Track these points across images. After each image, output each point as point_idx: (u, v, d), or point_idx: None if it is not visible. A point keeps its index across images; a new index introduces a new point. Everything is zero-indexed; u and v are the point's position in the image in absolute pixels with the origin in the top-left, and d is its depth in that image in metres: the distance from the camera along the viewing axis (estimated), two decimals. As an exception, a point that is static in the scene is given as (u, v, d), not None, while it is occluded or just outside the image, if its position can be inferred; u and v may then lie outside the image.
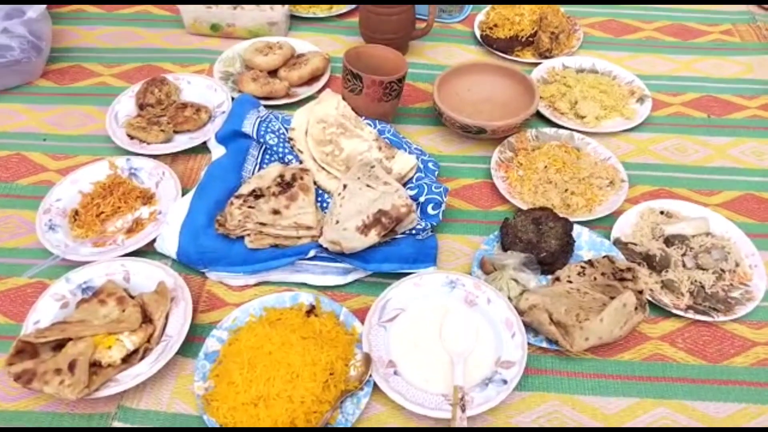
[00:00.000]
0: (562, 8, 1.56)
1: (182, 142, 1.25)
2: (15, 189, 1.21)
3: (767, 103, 1.43)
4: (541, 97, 1.35)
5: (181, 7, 1.51)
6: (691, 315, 1.02)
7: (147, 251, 1.08)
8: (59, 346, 0.92)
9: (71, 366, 0.88)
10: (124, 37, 1.55)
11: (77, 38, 1.55)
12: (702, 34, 1.62)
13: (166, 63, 1.47)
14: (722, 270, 1.07)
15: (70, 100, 1.39)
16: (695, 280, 1.05)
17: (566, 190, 1.17)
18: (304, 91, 1.38)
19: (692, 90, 1.45)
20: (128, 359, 0.92)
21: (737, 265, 1.08)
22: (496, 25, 1.49)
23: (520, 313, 0.98)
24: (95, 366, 0.90)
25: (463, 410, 0.87)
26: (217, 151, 1.23)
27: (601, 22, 1.63)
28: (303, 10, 1.58)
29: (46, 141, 1.30)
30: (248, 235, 1.06)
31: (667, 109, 1.40)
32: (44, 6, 1.46)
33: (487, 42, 1.50)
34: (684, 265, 1.07)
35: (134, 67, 1.46)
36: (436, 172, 1.21)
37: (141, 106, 1.31)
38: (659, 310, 1.03)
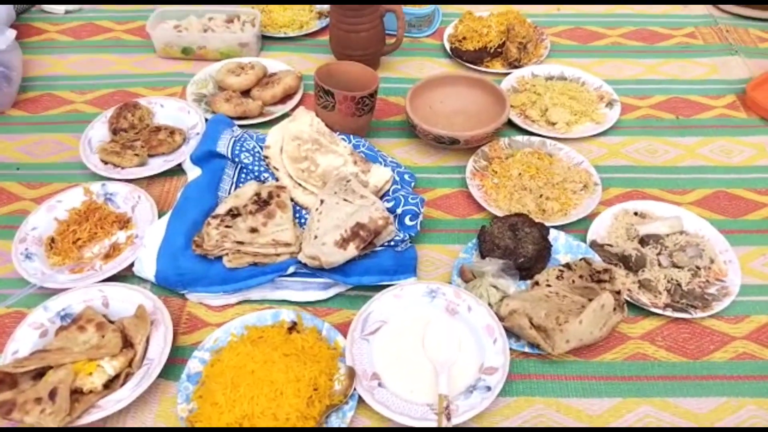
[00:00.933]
0: (529, 18, 1.60)
1: (157, 165, 1.26)
2: (-11, 219, 1.20)
3: (733, 101, 1.47)
4: (512, 106, 1.38)
5: (152, 33, 1.51)
6: (669, 313, 1.04)
7: (126, 275, 1.08)
8: (39, 375, 0.91)
9: (52, 394, 0.87)
10: (95, 64, 1.55)
11: (48, 67, 1.55)
12: (666, 38, 1.66)
13: (139, 87, 1.48)
14: (698, 267, 1.09)
15: (43, 129, 1.38)
16: (672, 279, 1.07)
17: (541, 196, 1.19)
18: (278, 110, 1.39)
19: (659, 93, 1.49)
20: (110, 385, 0.92)
21: (712, 261, 1.11)
22: (464, 38, 1.52)
23: (501, 318, 0.99)
24: (76, 393, 0.89)
25: (449, 419, 0.87)
26: (193, 172, 1.24)
27: (567, 30, 1.67)
28: (273, 30, 1.59)
29: (20, 170, 1.29)
30: (226, 254, 1.06)
31: (636, 112, 1.43)
32: (13, 37, 1.46)
33: (457, 54, 1.53)
34: (660, 264, 1.09)
35: (106, 93, 1.47)
36: (413, 184, 1.22)
37: (114, 131, 1.31)
38: (638, 310, 1.05)
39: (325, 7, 1.67)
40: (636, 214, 1.18)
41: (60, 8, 1.71)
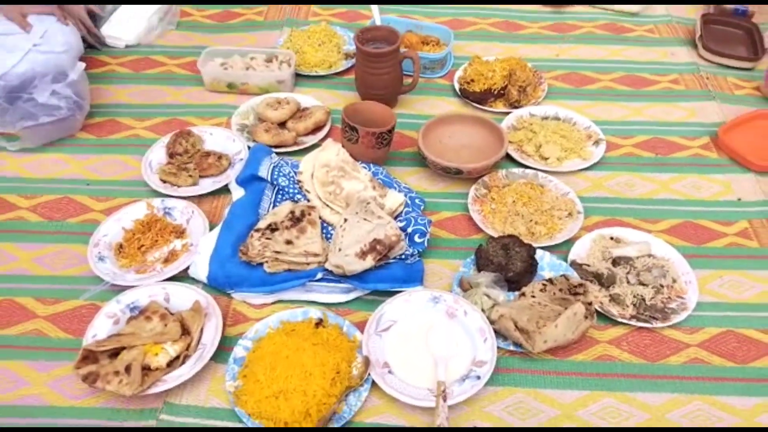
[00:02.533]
0: (530, 63, 1.82)
1: (207, 185, 1.48)
2: (66, 227, 1.43)
3: (707, 143, 1.67)
4: (510, 142, 1.59)
5: (202, 69, 1.75)
6: (634, 323, 1.23)
7: (182, 277, 1.30)
8: (115, 354, 1.13)
9: (127, 369, 1.09)
10: (151, 95, 1.79)
11: (111, 96, 1.79)
12: (652, 84, 1.87)
13: (190, 117, 1.71)
14: (661, 285, 1.29)
15: (108, 150, 1.62)
16: (637, 294, 1.27)
17: (531, 221, 1.40)
18: (310, 140, 1.61)
19: (642, 133, 1.69)
20: (171, 364, 1.13)
21: (674, 281, 1.31)
22: (472, 80, 1.74)
23: (491, 322, 1.20)
24: (145, 369, 1.11)
25: (445, 400, 1.08)
26: (237, 192, 1.46)
27: (563, 74, 1.88)
28: (306, 69, 1.82)
29: (90, 186, 1.53)
30: (266, 261, 1.28)
31: (620, 150, 1.64)
32: (83, 68, 1.70)
33: (465, 95, 1.75)
34: (628, 282, 1.29)
35: (162, 121, 1.70)
36: (422, 207, 1.43)
37: (171, 155, 1.54)
38: (608, 319, 1.25)
39: (352, 48, 1.90)
40: (611, 238, 1.38)
41: (121, 42, 1.96)
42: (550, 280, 1.26)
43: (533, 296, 1.25)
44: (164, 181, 1.48)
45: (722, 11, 2.08)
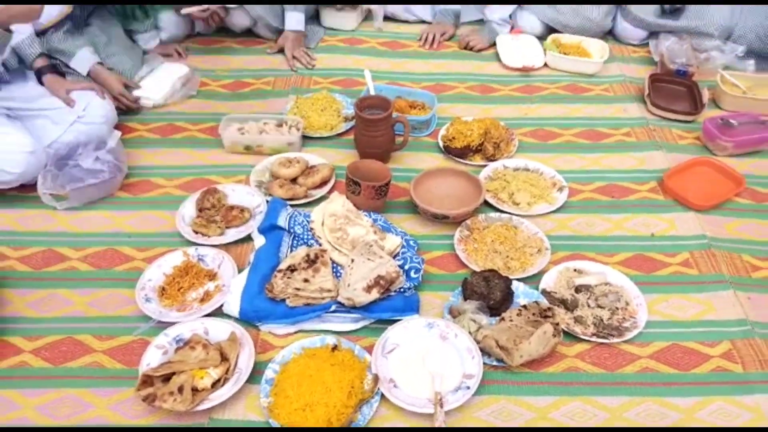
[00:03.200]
0: (502, 122, 2.09)
1: (233, 234, 1.71)
2: (112, 274, 1.65)
3: (654, 187, 1.94)
4: (487, 190, 1.84)
5: (222, 134, 2.00)
6: (594, 339, 1.47)
7: (216, 313, 1.52)
8: (167, 378, 1.34)
9: (180, 389, 1.30)
10: (178, 157, 2.03)
11: (142, 158, 2.02)
12: (608, 137, 2.14)
13: (213, 176, 1.95)
14: (616, 308, 1.53)
15: (145, 207, 1.85)
16: (597, 316, 1.51)
17: (507, 257, 1.65)
18: (318, 193, 1.86)
19: (599, 180, 1.96)
20: (214, 385, 1.35)
21: (627, 304, 1.55)
22: (454, 138, 2.00)
23: (477, 342, 1.43)
24: (194, 390, 1.33)
25: (441, 407, 1.30)
26: (259, 240, 1.69)
27: (531, 130, 2.15)
28: (311, 132, 2.08)
29: (131, 238, 1.75)
30: (288, 297, 1.51)
31: (580, 195, 1.90)
32: (119, 136, 1.95)
33: (448, 151, 2.01)
34: (589, 306, 1.53)
35: (189, 180, 1.94)
36: (416, 248, 1.67)
37: (200, 210, 1.78)
38: (572, 337, 1.48)
39: (349, 112, 2.16)
40: (575, 270, 1.63)
41: (150, 102, 2.21)
42: (525, 306, 1.50)
43: (511, 320, 1.48)
44: (196, 232, 1.71)
45: (667, 71, 2.39)
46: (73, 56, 2.13)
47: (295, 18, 2.47)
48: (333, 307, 1.49)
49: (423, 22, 2.72)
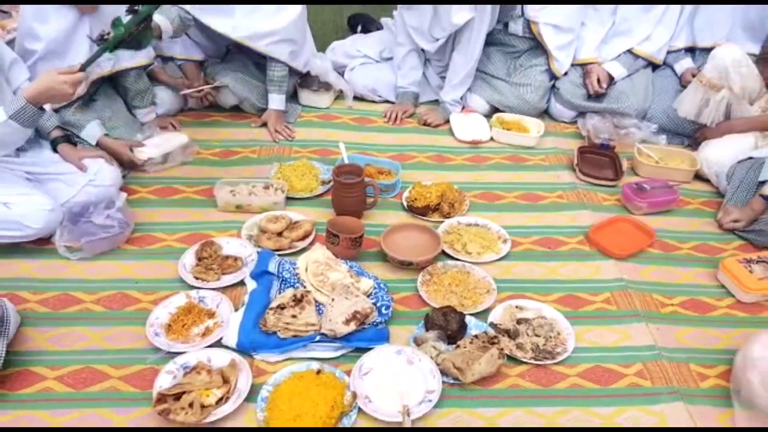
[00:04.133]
0: (456, 185, 2.44)
1: (228, 280, 1.97)
2: (123, 314, 1.87)
3: (582, 239, 2.29)
4: (444, 242, 2.16)
5: (217, 195, 2.29)
6: (532, 362, 1.76)
7: (216, 345, 1.76)
8: (177, 397, 1.57)
9: (191, 405, 1.53)
10: (176, 215, 2.29)
11: (145, 216, 2.27)
12: (544, 198, 2.50)
13: (209, 230, 2.21)
14: (550, 336, 1.84)
15: (149, 257, 2.09)
16: (534, 343, 1.81)
17: (461, 296, 1.95)
18: (300, 245, 2.14)
19: (537, 234, 2.30)
20: (218, 403, 1.58)
21: (559, 333, 1.86)
22: (416, 199, 2.33)
23: (437, 364, 1.70)
24: (202, 406, 1.56)
25: (408, 416, 1.57)
26: (251, 284, 1.95)
27: (480, 193, 2.49)
28: (294, 193, 2.38)
29: (138, 284, 1.99)
30: (279, 330, 1.77)
31: (521, 246, 2.23)
32: (125, 197, 2.22)
33: (411, 209, 2.34)
34: (528, 335, 1.84)
35: (188, 234, 2.19)
36: (386, 289, 1.95)
37: (199, 259, 2.04)
38: (515, 360, 1.77)
39: (326, 176, 2.48)
40: (516, 307, 1.94)
41: (153, 159, 2.48)
42: (476, 336, 1.79)
43: (465, 346, 1.76)
44: (197, 278, 1.97)
45: (593, 145, 2.80)
46: (83, 128, 2.41)
47: (277, 99, 2.82)
48: (317, 338, 1.75)
49: (387, 101, 3.11)
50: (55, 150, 2.30)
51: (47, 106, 2.14)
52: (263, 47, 2.69)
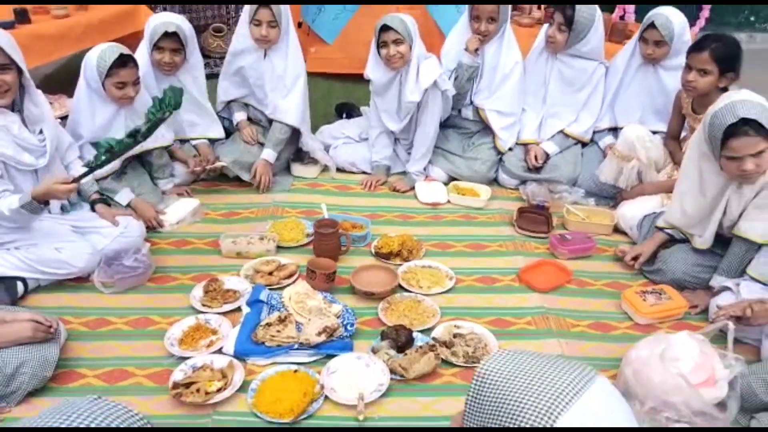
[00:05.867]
0: (415, 237, 2.98)
1: (228, 307, 2.46)
2: (147, 332, 2.35)
3: (514, 278, 2.80)
4: (402, 279, 2.68)
5: (221, 244, 2.82)
6: (463, 365, 2.23)
7: (218, 353, 2.25)
8: (188, 385, 2.04)
9: (197, 390, 2.01)
10: (189, 260, 2.83)
11: (164, 261, 2.80)
12: (486, 247, 3.04)
13: (214, 272, 2.72)
14: (479, 347, 2.31)
15: (167, 292, 2.60)
16: (466, 351, 2.29)
17: (412, 318, 2.44)
18: (287, 282, 2.65)
19: (478, 274, 2.79)
20: (218, 391, 2.05)
21: (486, 345, 2.33)
22: (381, 247, 2.87)
23: (388, 366, 2.18)
24: (207, 393, 2.03)
25: (363, 400, 2.03)
26: (246, 309, 2.45)
27: (434, 243, 3.02)
28: (283, 243, 2.92)
29: (158, 311, 2.50)
30: (266, 341, 2.26)
31: (464, 282, 2.72)
32: (148, 246, 2.76)
33: (378, 255, 2.86)
34: (461, 345, 2.32)
35: (197, 275, 2.70)
36: (352, 313, 2.45)
37: (206, 291, 2.54)
38: (450, 364, 2.23)
39: (310, 230, 3.02)
40: (454, 326, 2.42)
41: (170, 222, 3.04)
42: (420, 346, 2.28)
43: (410, 354, 2.25)
44: (204, 305, 2.47)
45: (531, 206, 3.36)
46: (117, 193, 2.99)
47: (269, 152, 3.40)
48: (296, 347, 2.24)
49: (364, 172, 3.70)
50: (93, 209, 2.86)
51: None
52: (277, 115, 3.32)
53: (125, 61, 2.80)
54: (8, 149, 2.43)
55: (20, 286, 2.50)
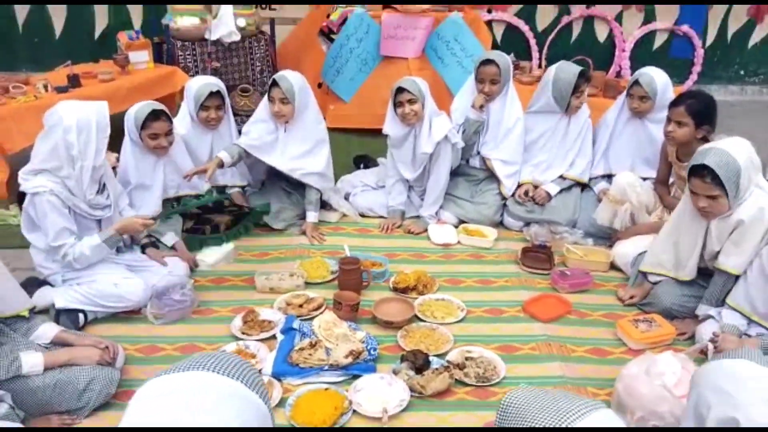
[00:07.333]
0: (429, 273, 3.26)
1: (264, 335, 2.75)
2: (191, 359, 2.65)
3: (519, 309, 3.07)
4: (418, 311, 2.95)
5: (256, 281, 3.13)
6: (475, 384, 2.49)
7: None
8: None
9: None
10: (228, 296, 3.12)
11: (206, 296, 3.10)
12: (494, 282, 3.31)
13: (251, 305, 3.02)
14: (488, 368, 2.57)
15: (209, 322, 2.88)
16: (477, 372, 2.55)
17: (428, 344, 2.71)
18: (315, 313, 2.93)
19: (486, 306, 3.07)
20: (260, 405, 2.32)
21: (495, 367, 2.58)
22: (399, 282, 3.16)
23: (408, 384, 2.44)
24: (249, 406, 2.29)
25: (387, 413, 2.29)
26: (280, 336, 2.73)
27: (447, 279, 3.32)
28: (311, 279, 3.22)
29: (203, 338, 2.78)
30: (300, 363, 2.53)
31: (474, 314, 2.99)
32: (192, 282, 3.07)
33: (396, 290, 3.14)
34: (473, 367, 2.58)
35: (236, 308, 2.99)
36: (375, 339, 2.73)
37: (245, 322, 2.84)
38: (463, 384, 2.49)
39: (334, 267, 3.32)
40: (467, 351, 2.68)
41: (206, 263, 3.35)
42: (436, 368, 2.54)
43: (428, 374, 2.51)
44: (243, 333, 2.76)
45: (534, 245, 3.65)
46: (163, 236, 3.33)
47: (312, 215, 3.72)
48: (326, 368, 2.52)
49: (381, 217, 4.02)
50: (143, 251, 3.19)
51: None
52: (299, 176, 3.66)
53: (158, 115, 3.18)
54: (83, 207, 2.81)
55: (81, 317, 2.80)
